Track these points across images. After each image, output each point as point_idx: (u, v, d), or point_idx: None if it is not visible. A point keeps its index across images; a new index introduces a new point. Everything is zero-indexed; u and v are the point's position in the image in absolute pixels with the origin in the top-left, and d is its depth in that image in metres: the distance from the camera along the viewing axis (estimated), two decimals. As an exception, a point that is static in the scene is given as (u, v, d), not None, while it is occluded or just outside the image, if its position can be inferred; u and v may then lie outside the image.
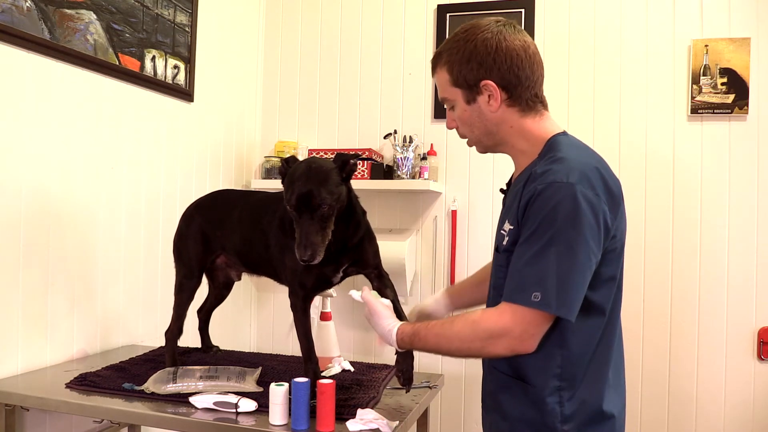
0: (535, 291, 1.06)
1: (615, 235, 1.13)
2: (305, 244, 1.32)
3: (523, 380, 1.17)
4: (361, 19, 2.87)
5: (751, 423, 2.39)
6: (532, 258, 1.08)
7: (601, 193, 1.09)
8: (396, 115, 2.81)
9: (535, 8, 2.63)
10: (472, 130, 1.25)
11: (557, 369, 1.14)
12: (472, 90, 1.20)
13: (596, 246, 1.08)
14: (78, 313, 1.92)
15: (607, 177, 1.13)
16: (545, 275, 1.06)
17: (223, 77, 2.69)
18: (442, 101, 1.28)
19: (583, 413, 1.14)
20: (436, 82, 1.28)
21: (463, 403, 2.70)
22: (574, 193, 1.06)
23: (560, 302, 1.06)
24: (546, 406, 1.14)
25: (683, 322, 2.47)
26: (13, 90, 1.69)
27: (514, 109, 1.21)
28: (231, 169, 2.76)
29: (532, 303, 1.06)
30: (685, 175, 2.48)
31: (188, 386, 1.49)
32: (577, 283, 1.07)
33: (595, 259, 1.08)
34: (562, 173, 1.08)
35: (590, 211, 1.06)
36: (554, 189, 1.07)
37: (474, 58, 1.18)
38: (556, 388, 1.14)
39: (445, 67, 1.23)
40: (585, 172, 1.09)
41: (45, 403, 1.52)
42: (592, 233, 1.07)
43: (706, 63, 2.43)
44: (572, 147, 1.17)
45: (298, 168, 1.38)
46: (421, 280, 2.74)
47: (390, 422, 1.32)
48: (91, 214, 1.96)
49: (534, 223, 1.09)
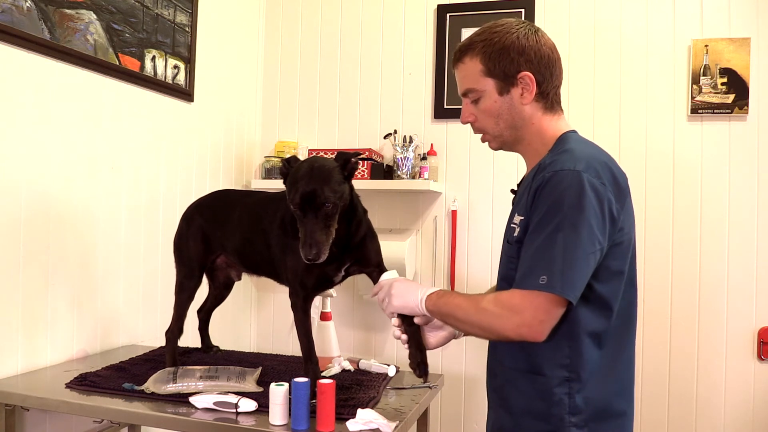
0: (542, 275, 1.08)
1: (622, 228, 1.14)
2: (310, 243, 1.32)
3: (531, 372, 1.18)
4: (361, 19, 2.87)
5: (751, 423, 2.39)
6: (540, 244, 1.10)
7: (607, 182, 1.11)
8: (396, 115, 2.81)
9: (535, 8, 2.63)
10: (498, 123, 1.25)
11: (566, 360, 1.15)
12: (508, 81, 1.22)
13: (601, 233, 1.09)
14: (78, 313, 1.92)
15: (615, 170, 1.16)
16: (552, 259, 1.08)
17: (223, 77, 2.69)
18: (464, 93, 1.28)
19: (593, 407, 1.15)
20: (462, 72, 1.27)
21: (463, 403, 2.70)
22: (581, 180, 1.08)
23: (564, 283, 1.07)
24: (554, 397, 1.15)
25: (683, 322, 2.47)
26: (13, 90, 1.69)
27: (539, 105, 1.24)
28: (231, 169, 2.76)
29: (539, 286, 1.07)
30: (685, 175, 2.48)
31: (188, 386, 1.49)
32: (581, 266, 1.08)
33: (599, 246, 1.09)
34: (570, 162, 1.11)
35: (596, 198, 1.08)
36: (561, 176, 1.10)
37: (514, 49, 1.20)
38: (564, 379, 1.15)
39: (478, 56, 1.23)
40: (591, 162, 1.12)
41: (45, 403, 1.52)
42: (597, 220, 1.08)
43: (706, 63, 2.43)
44: (581, 142, 1.22)
45: (301, 167, 1.38)
46: (421, 280, 2.74)
47: (390, 422, 1.32)
48: (91, 214, 1.96)
49: (542, 211, 1.11)
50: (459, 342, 2.71)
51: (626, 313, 1.20)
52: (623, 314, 1.19)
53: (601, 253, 1.10)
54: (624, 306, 1.19)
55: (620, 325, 1.19)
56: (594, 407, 1.15)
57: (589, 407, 1.15)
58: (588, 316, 1.14)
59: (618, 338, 1.19)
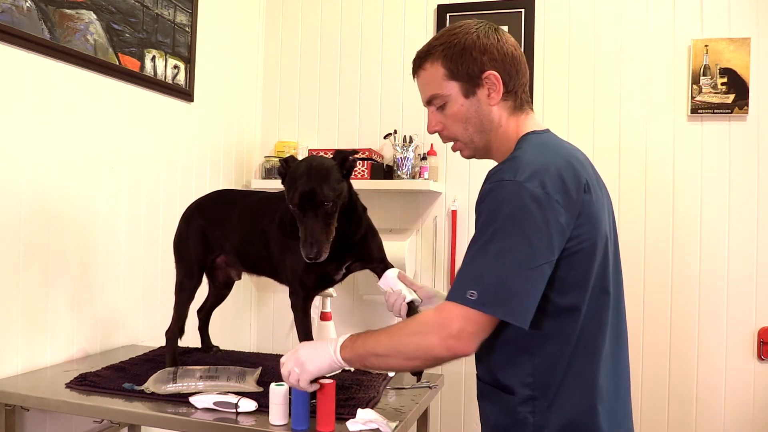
0: (471, 289, 1.02)
1: (578, 236, 1.06)
2: (311, 242, 1.32)
3: (497, 387, 1.15)
4: (361, 19, 2.87)
5: (751, 423, 2.39)
6: (472, 257, 1.05)
7: (552, 191, 1.03)
8: (396, 115, 2.81)
9: (535, 8, 2.63)
10: (467, 128, 1.20)
11: (528, 378, 1.10)
12: (473, 82, 1.17)
13: (545, 247, 1.02)
14: (78, 313, 1.92)
15: (567, 177, 1.06)
16: (482, 273, 1.02)
17: (223, 77, 2.69)
18: (429, 101, 1.22)
19: (560, 426, 1.08)
20: (423, 80, 1.22)
21: (463, 403, 2.70)
22: (520, 191, 1.02)
23: (498, 303, 1.01)
24: (518, 415, 1.10)
25: (683, 322, 2.47)
26: (13, 90, 1.69)
27: (507, 105, 1.19)
28: (231, 169, 2.76)
29: (467, 301, 1.02)
30: (685, 175, 2.48)
31: (188, 386, 1.49)
32: (519, 284, 1.01)
33: (543, 260, 1.02)
34: (511, 171, 1.05)
35: (538, 210, 1.01)
36: (500, 187, 1.04)
37: (476, 49, 1.16)
38: (528, 398, 1.10)
39: (439, 60, 1.18)
40: (537, 170, 1.04)
41: (45, 403, 1.52)
42: (538, 233, 1.01)
43: (706, 63, 2.43)
44: (534, 145, 1.14)
45: (299, 166, 1.38)
46: (421, 280, 2.74)
47: (390, 422, 1.32)
48: (91, 214, 1.96)
49: (479, 222, 1.07)
50: (459, 342, 2.70)
51: (596, 324, 1.11)
52: (592, 324, 1.10)
53: (548, 266, 1.03)
54: (594, 318, 1.10)
55: (589, 337, 1.10)
56: (562, 425, 1.08)
57: (557, 425, 1.08)
58: (550, 330, 1.08)
59: (589, 350, 1.10)
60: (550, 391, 1.09)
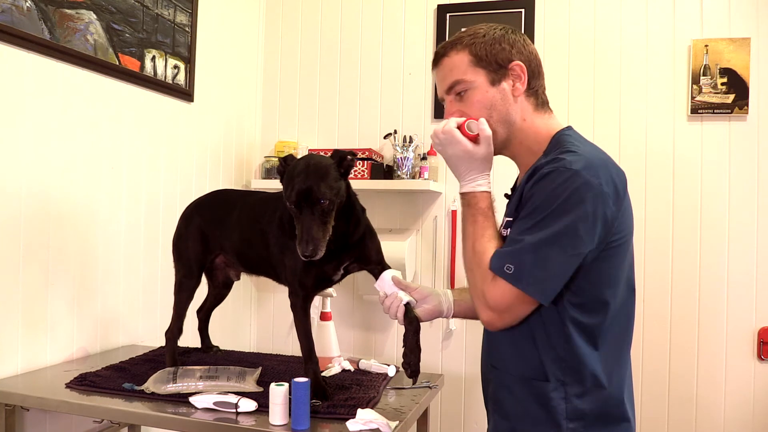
0: (509, 263, 1.07)
1: (619, 231, 1.11)
2: (307, 240, 1.32)
3: (526, 375, 1.16)
4: (361, 19, 2.87)
5: (751, 423, 2.39)
6: (520, 233, 1.09)
7: (604, 183, 1.07)
8: (396, 115, 2.81)
9: (535, 8, 2.63)
10: (491, 115, 1.19)
11: (561, 363, 1.12)
12: (500, 71, 1.18)
13: (589, 237, 1.06)
14: (78, 313, 1.92)
15: (613, 171, 1.12)
16: (525, 251, 1.06)
17: (223, 77, 2.69)
18: (450, 87, 1.21)
19: (592, 412, 1.11)
20: (446, 67, 1.22)
21: (463, 403, 2.70)
22: (578, 180, 1.05)
23: (532, 281, 1.06)
24: (550, 402, 1.12)
25: (683, 322, 2.47)
26: (13, 90, 1.69)
27: (530, 101, 1.21)
28: (231, 169, 2.76)
29: (503, 273, 1.07)
30: (685, 175, 2.48)
31: (188, 386, 1.49)
32: (556, 268, 1.06)
33: (584, 249, 1.06)
34: (568, 161, 1.08)
35: (591, 200, 1.05)
36: (558, 173, 1.07)
37: (505, 40, 1.19)
38: (560, 383, 1.12)
39: (466, 49, 1.19)
40: (594, 163, 1.09)
41: (45, 403, 1.52)
42: (586, 223, 1.05)
43: (706, 63, 2.43)
44: (580, 140, 1.19)
45: (297, 165, 1.38)
46: (421, 280, 2.74)
47: (390, 422, 1.32)
48: (91, 214, 1.96)
49: (533, 204, 1.09)
50: (459, 342, 2.71)
51: (625, 318, 1.17)
52: (622, 319, 1.16)
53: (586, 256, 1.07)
54: (623, 311, 1.16)
55: (619, 331, 1.16)
56: (593, 413, 1.11)
57: (588, 412, 1.11)
58: (583, 320, 1.11)
59: (617, 343, 1.16)
60: (583, 378, 1.12)
